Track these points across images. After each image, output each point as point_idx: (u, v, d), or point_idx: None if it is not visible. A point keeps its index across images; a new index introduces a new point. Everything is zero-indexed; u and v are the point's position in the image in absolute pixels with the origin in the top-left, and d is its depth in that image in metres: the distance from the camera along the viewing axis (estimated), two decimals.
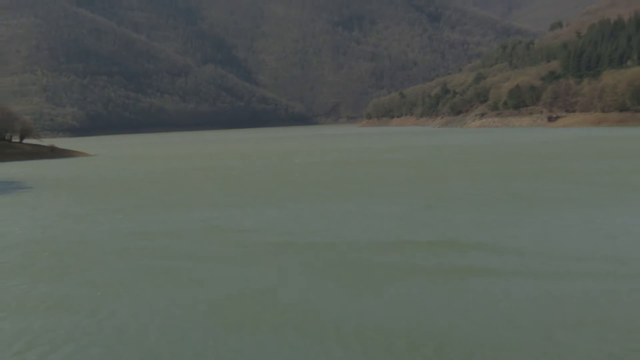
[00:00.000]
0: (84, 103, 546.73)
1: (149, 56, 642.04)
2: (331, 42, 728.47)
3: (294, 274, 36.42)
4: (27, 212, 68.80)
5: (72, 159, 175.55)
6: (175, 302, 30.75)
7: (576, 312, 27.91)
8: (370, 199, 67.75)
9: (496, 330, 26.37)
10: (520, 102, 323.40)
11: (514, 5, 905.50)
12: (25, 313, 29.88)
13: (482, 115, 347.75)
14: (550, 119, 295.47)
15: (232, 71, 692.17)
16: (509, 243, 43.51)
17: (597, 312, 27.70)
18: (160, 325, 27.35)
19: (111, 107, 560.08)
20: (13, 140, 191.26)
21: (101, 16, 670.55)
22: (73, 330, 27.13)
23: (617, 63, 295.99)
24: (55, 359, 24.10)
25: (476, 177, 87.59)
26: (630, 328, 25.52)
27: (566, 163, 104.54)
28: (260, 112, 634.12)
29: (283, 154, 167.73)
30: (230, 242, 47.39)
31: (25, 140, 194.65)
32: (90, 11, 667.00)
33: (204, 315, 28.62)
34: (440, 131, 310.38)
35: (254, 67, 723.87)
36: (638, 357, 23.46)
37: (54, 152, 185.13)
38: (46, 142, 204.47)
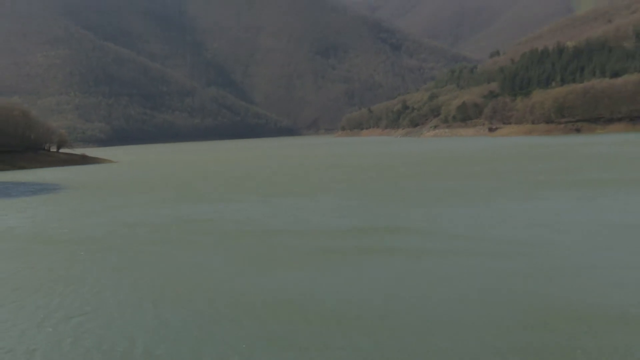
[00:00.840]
0: (109, 119, 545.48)
1: (163, 80, 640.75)
2: (312, 68, 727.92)
3: (230, 256, 36.95)
4: (61, 207, 69.35)
5: (100, 164, 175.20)
6: (143, 280, 31.40)
7: (483, 287, 28.10)
8: (329, 196, 68.22)
9: (411, 302, 26.38)
10: (466, 116, 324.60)
11: (460, 37, 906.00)
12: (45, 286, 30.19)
13: (435, 127, 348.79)
14: (490, 130, 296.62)
15: (231, 92, 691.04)
16: (436, 228, 44.07)
17: (501, 287, 27.90)
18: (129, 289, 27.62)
19: (131, 122, 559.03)
20: (51, 149, 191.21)
21: (123, 48, 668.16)
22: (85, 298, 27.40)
23: (544, 84, 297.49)
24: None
25: (420, 177, 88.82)
26: (531, 302, 25.78)
27: (497, 165, 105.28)
28: (254, 126, 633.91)
29: (273, 158, 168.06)
30: (195, 231, 47.97)
31: (61, 150, 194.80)
32: (114, 44, 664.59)
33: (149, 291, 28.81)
34: (401, 140, 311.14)
35: (249, 88, 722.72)
36: (527, 327, 23.58)
37: (84, 160, 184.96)
38: (78, 151, 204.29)
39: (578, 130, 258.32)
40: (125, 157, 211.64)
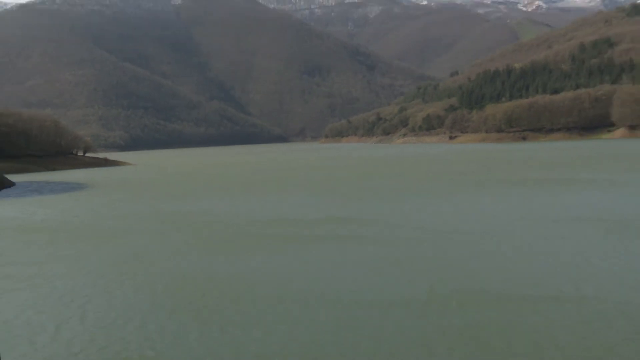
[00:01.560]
0: (127, 128, 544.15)
1: (173, 95, 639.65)
2: (300, 85, 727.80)
3: (197, 241, 37.92)
4: (84, 202, 70.12)
5: (119, 167, 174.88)
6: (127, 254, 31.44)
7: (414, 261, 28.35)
8: (293, 193, 69.63)
9: (337, 279, 27.07)
10: (430, 126, 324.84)
11: (425, 59, 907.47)
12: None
13: (404, 135, 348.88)
14: (450, 138, 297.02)
15: (231, 105, 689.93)
16: (376, 217, 44.75)
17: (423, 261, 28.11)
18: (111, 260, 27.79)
19: (146, 130, 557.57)
20: (78, 154, 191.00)
21: (139, 68, 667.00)
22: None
23: (495, 99, 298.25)
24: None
25: (380, 177, 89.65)
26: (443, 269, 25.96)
27: (449, 166, 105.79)
28: (251, 134, 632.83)
29: (264, 162, 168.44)
30: (170, 221, 49.32)
31: (87, 154, 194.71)
32: (132, 64, 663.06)
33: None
34: (375, 147, 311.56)
35: (246, 102, 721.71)
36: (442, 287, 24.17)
37: (106, 162, 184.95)
38: (101, 155, 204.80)
39: (524, 139, 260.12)
40: (141, 160, 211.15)
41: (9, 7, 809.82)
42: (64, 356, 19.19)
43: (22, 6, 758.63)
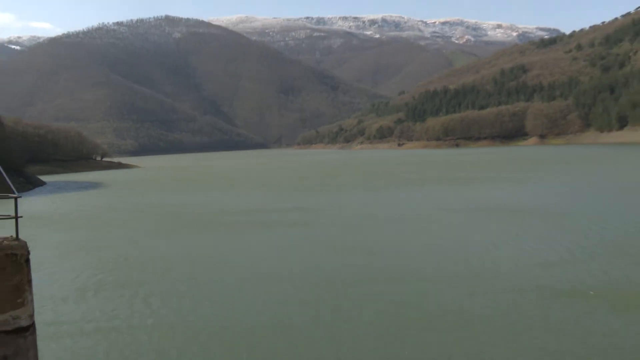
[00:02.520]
0: (137, 137, 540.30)
1: (173, 111, 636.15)
2: (277, 102, 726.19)
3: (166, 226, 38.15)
4: (104, 195, 70.24)
5: (130, 169, 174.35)
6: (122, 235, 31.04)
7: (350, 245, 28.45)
8: (259, 189, 70.87)
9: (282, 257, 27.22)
10: (382, 135, 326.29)
11: (377, 82, 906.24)
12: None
13: (362, 142, 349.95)
14: (399, 145, 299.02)
15: (221, 119, 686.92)
16: (319, 207, 44.79)
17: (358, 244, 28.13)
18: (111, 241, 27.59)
19: (152, 139, 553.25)
20: (97, 159, 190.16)
21: (146, 88, 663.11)
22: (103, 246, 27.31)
23: (435, 114, 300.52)
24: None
25: (331, 176, 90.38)
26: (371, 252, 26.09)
27: (395, 167, 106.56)
28: (237, 142, 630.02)
29: (247, 165, 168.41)
30: (162, 212, 50.33)
31: (104, 159, 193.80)
32: (140, 86, 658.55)
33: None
34: (338, 152, 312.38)
35: (233, 116, 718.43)
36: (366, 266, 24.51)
37: (120, 165, 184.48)
38: (115, 160, 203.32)
39: (457, 145, 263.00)
40: (147, 164, 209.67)
41: (41, 40, 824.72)
42: (66, 326, 19.11)
43: (52, 40, 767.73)
